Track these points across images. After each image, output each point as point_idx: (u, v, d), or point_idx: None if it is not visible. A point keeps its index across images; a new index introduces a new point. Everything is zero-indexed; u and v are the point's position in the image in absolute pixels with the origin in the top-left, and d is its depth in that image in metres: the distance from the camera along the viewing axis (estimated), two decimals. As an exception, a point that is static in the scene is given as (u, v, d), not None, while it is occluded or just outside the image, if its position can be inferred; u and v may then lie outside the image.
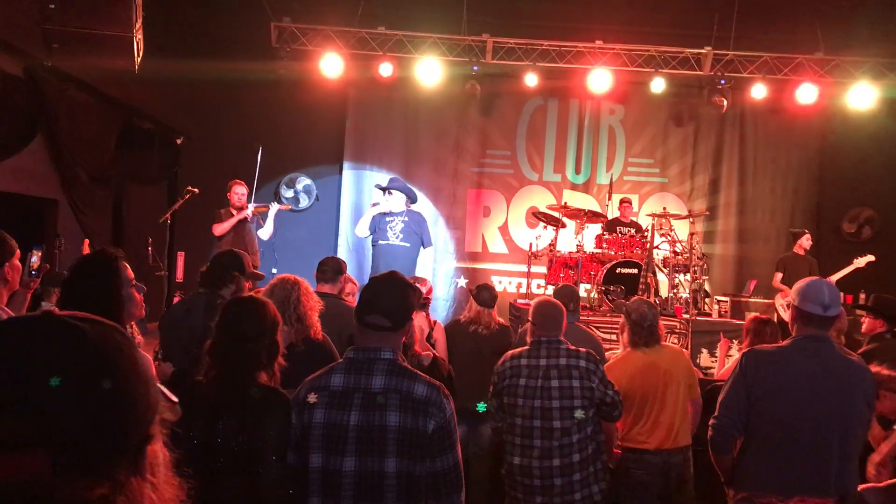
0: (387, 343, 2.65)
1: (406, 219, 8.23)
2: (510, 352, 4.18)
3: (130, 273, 2.90)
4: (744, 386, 3.31)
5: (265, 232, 8.45)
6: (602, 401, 3.95)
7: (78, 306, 2.59)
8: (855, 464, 3.30)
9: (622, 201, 9.94)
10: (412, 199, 8.46)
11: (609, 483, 4.08)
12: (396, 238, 8.16)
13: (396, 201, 8.19)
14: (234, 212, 8.27)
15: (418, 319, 5.36)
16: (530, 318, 4.17)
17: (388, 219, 8.22)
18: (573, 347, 4.04)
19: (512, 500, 4.06)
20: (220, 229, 8.19)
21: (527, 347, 4.09)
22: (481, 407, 4.07)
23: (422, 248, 8.29)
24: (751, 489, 3.32)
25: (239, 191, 8.38)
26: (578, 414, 3.86)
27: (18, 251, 3.22)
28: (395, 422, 2.51)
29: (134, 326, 3.99)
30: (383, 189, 8.35)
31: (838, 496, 3.19)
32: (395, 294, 2.71)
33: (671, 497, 4.39)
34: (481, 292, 5.79)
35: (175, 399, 1.09)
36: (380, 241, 8.23)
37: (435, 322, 5.93)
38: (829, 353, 3.30)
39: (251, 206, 8.37)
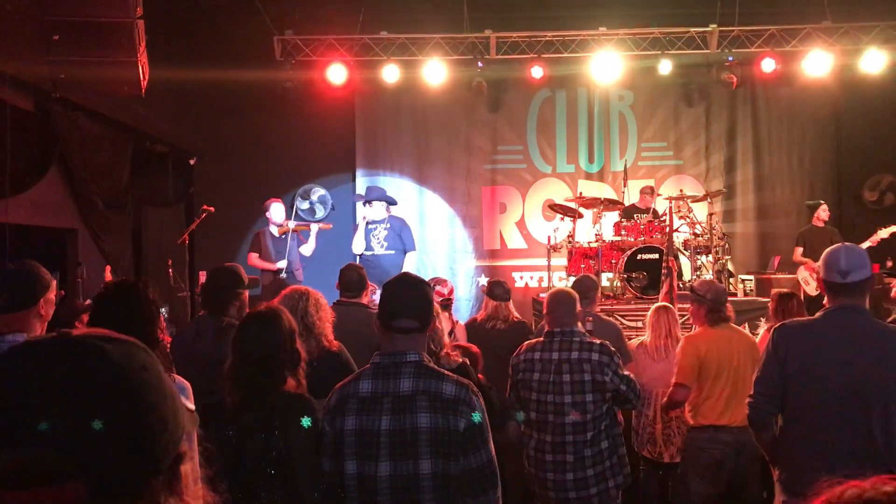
0: (413, 345, 2.65)
1: (388, 225, 8.32)
2: (525, 343, 4.16)
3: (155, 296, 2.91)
4: (776, 361, 3.21)
5: (307, 248, 8.55)
6: (616, 392, 3.91)
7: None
8: None
9: (642, 190, 9.84)
10: (392, 204, 8.54)
11: (628, 476, 4.03)
12: (381, 247, 8.24)
13: (378, 210, 8.28)
14: (276, 232, 8.42)
15: (441, 320, 5.36)
16: (544, 310, 4.15)
17: (370, 226, 8.30)
18: (588, 339, 3.99)
19: (534, 494, 4.09)
20: (252, 261, 8.31)
21: (541, 340, 4.07)
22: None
23: (405, 253, 8.36)
24: (794, 468, 3.22)
25: (276, 209, 8.50)
26: (591, 409, 3.84)
27: (55, 282, 3.22)
28: (427, 423, 2.51)
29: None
30: (364, 201, 8.44)
31: (887, 471, 3.06)
32: (418, 294, 2.71)
33: (742, 475, 4.35)
34: (494, 288, 5.82)
35: (191, 407, 1.06)
36: (364, 252, 8.29)
37: (457, 322, 5.93)
38: (863, 324, 3.18)
39: (291, 224, 8.45)
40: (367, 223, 8.29)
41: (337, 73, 9.82)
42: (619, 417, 4.25)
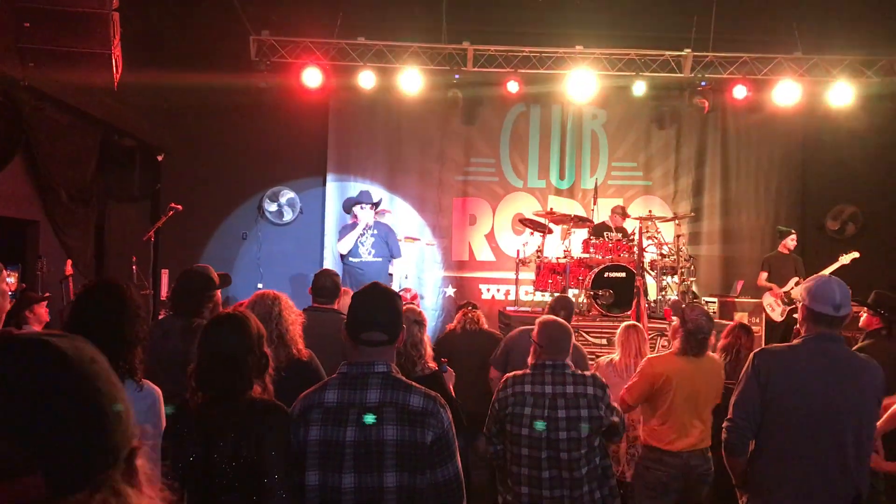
0: (382, 356, 2.61)
1: (375, 231, 8.30)
2: (510, 375, 3.96)
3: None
4: (756, 385, 3.24)
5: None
6: (609, 427, 3.85)
7: (89, 329, 2.57)
8: (868, 462, 3.22)
9: (614, 210, 9.94)
10: (376, 206, 8.55)
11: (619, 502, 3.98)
12: (368, 254, 8.21)
13: (370, 214, 8.25)
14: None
15: (425, 329, 5.40)
16: (535, 340, 3.97)
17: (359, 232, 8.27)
18: (579, 372, 3.88)
19: None
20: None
21: (528, 372, 3.89)
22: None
23: (391, 261, 8.37)
24: (766, 494, 3.25)
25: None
26: (585, 445, 3.75)
27: (5, 272, 3.12)
28: (393, 435, 2.47)
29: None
30: (359, 204, 8.39)
31: (855, 495, 3.13)
32: (388, 307, 2.67)
33: (689, 496, 4.36)
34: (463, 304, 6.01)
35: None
36: (351, 259, 8.22)
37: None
38: (841, 353, 3.26)
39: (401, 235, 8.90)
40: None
41: (312, 77, 9.75)
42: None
